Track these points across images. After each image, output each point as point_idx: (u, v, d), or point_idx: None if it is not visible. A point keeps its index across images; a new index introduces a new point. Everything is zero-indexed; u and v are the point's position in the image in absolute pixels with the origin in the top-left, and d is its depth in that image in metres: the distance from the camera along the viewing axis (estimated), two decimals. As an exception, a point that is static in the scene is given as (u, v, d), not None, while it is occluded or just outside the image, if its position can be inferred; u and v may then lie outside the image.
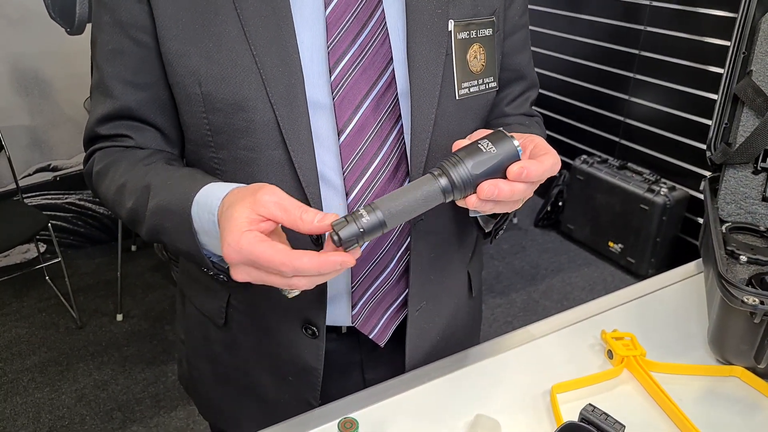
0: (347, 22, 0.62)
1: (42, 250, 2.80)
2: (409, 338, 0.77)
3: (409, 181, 0.68)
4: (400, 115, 0.66)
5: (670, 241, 2.65)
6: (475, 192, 0.55)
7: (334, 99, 0.63)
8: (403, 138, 0.67)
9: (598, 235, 2.86)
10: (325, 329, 0.73)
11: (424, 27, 0.65)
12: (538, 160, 0.56)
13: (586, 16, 2.91)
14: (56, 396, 2.10)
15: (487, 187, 0.54)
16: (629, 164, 2.80)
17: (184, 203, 0.58)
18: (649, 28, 2.62)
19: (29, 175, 2.75)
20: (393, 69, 0.65)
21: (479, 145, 0.55)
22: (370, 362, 0.80)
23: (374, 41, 0.64)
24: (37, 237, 2.55)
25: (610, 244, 2.80)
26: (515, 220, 3.20)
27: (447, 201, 0.56)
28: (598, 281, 2.74)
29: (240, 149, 0.65)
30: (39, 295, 2.64)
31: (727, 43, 2.33)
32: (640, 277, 2.65)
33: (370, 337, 0.75)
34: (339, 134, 0.64)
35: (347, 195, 0.65)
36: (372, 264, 0.70)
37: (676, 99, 2.58)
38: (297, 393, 0.77)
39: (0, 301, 2.61)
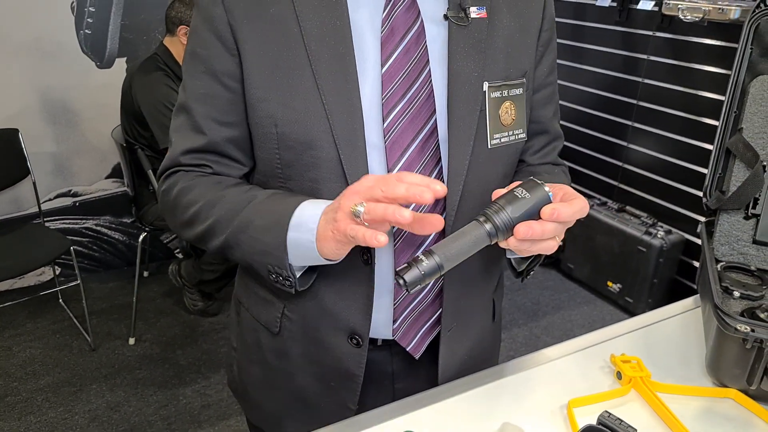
0: (399, 79, 0.74)
1: (57, 272, 2.88)
2: (442, 356, 0.86)
3: (445, 217, 0.78)
4: (440, 158, 0.77)
5: (667, 283, 2.74)
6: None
7: (386, 142, 0.74)
8: (443, 179, 0.77)
9: (598, 274, 2.96)
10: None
11: (463, 88, 0.76)
12: (568, 203, 0.65)
13: (588, 67, 3.08)
14: (69, 416, 2.15)
15: (522, 228, 0.62)
16: (627, 207, 2.91)
17: (294, 203, 0.70)
18: (646, 81, 2.78)
19: (50, 199, 2.85)
20: (435, 119, 0.76)
21: (515, 193, 0.63)
22: (400, 374, 0.89)
23: (420, 96, 0.75)
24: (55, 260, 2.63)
25: (609, 283, 2.89)
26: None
27: (492, 243, 0.64)
28: (597, 319, 2.81)
29: (306, 181, 0.76)
30: (53, 317, 2.70)
31: (719, 97, 2.48)
32: (638, 316, 2.73)
33: (407, 349, 0.84)
34: (389, 172, 0.74)
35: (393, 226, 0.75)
36: None
37: (671, 147, 2.72)
38: (338, 397, 0.86)
39: (14, 321, 2.67)
